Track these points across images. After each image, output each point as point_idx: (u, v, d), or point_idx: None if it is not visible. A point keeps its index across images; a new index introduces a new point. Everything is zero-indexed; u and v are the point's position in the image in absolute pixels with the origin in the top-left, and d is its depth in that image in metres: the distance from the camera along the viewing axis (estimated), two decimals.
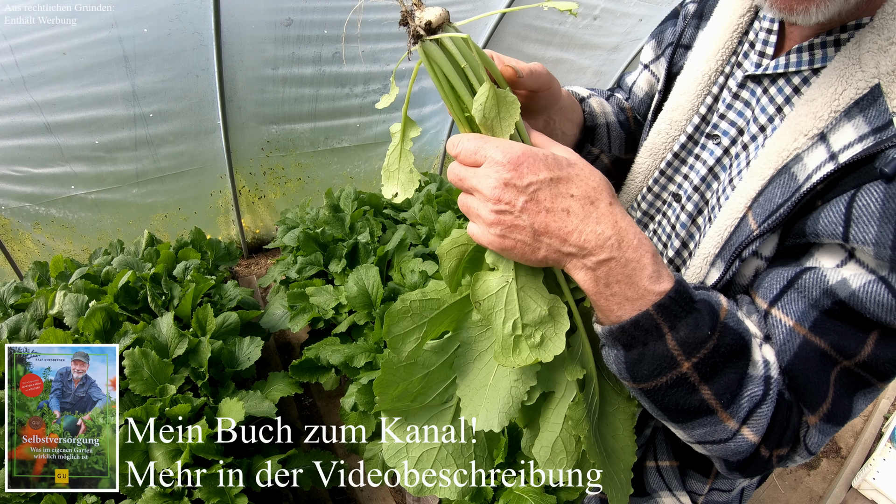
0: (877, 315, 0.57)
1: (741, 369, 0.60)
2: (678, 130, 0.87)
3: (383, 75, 3.80)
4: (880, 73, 0.61)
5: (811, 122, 0.66)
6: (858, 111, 0.62)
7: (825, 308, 0.60)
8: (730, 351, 0.59)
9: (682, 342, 0.58)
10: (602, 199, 0.57)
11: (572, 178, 0.57)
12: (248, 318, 2.71)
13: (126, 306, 2.59)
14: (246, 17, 3.04)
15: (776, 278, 0.65)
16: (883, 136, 0.59)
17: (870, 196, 0.56)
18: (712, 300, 0.62)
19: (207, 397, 2.18)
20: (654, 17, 4.26)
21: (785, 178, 0.66)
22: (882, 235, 0.55)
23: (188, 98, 3.30)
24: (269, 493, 2.15)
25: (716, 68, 0.83)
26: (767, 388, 0.61)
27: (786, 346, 0.63)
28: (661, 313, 0.57)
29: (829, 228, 0.60)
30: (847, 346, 0.59)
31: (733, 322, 0.61)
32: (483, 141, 0.57)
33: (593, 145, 0.96)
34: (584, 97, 0.97)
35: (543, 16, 4.00)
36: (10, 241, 3.45)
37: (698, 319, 0.58)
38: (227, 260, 3.54)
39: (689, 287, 0.60)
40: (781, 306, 0.64)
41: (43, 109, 2.95)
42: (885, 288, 0.56)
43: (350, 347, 2.42)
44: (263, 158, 3.91)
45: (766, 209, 0.66)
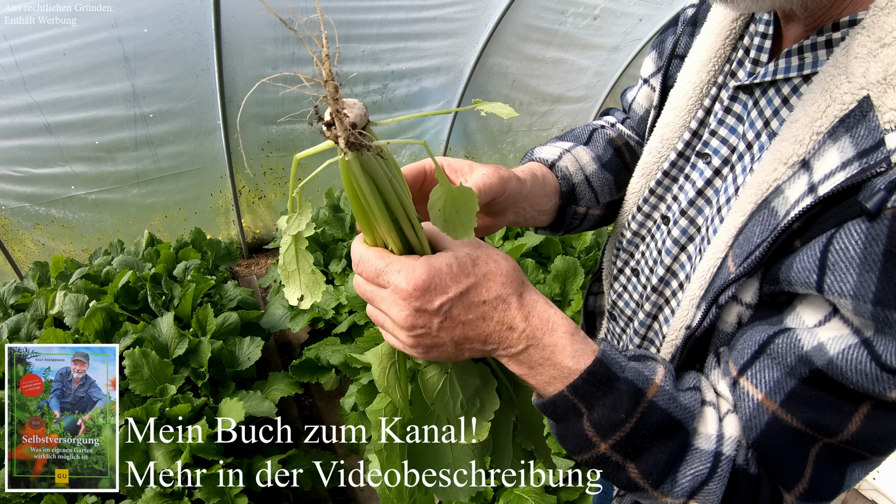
0: (862, 386, 0.48)
1: (674, 448, 0.57)
2: (669, 148, 0.80)
3: (383, 75, 3.80)
4: (869, 83, 0.51)
5: (791, 147, 0.57)
6: (845, 131, 0.52)
7: (803, 377, 0.52)
8: (655, 431, 0.56)
9: (595, 424, 0.57)
10: (513, 295, 0.57)
11: (481, 283, 0.56)
12: (248, 318, 2.72)
13: (126, 306, 2.59)
14: (246, 18, 3.04)
15: (749, 340, 0.58)
16: (869, 160, 0.48)
17: (849, 237, 0.47)
18: (641, 377, 0.57)
19: (207, 397, 2.18)
20: (654, 17, 4.26)
21: (765, 214, 0.57)
22: (862, 286, 0.46)
23: (188, 98, 3.30)
24: (269, 493, 2.15)
25: (707, 79, 0.76)
26: (716, 465, 0.56)
27: (752, 422, 0.56)
28: (575, 394, 0.57)
29: (802, 276, 0.51)
30: (827, 423, 0.51)
31: (663, 400, 0.57)
32: (385, 262, 0.55)
33: (577, 205, 0.89)
34: (553, 161, 0.89)
35: (543, 16, 4.00)
36: (11, 241, 3.45)
37: (616, 400, 0.56)
38: (227, 260, 3.54)
39: (615, 362, 0.57)
40: (751, 376, 0.57)
41: (43, 110, 2.95)
42: (867, 353, 0.47)
43: (350, 347, 2.42)
44: (264, 158, 3.91)
45: (745, 249, 0.58)
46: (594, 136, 0.97)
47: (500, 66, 4.25)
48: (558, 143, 0.94)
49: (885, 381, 0.47)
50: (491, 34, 3.86)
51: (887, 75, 0.49)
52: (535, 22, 3.99)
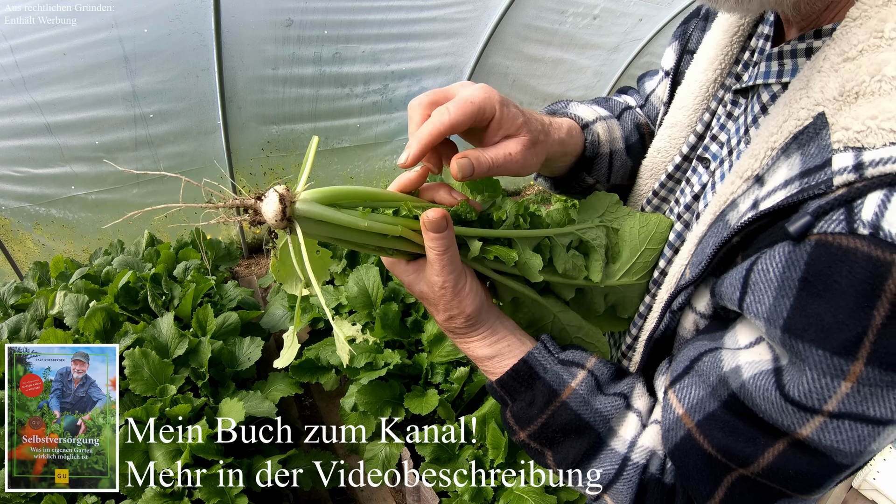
0: (770, 416, 0.47)
1: (583, 446, 0.62)
2: (675, 149, 0.78)
3: (383, 76, 3.80)
4: (825, 99, 0.48)
5: (748, 161, 0.56)
6: (797, 147, 0.50)
7: (723, 400, 0.51)
8: (564, 429, 0.63)
9: (515, 415, 0.67)
10: (453, 332, 0.69)
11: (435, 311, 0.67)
12: (248, 319, 2.72)
13: (126, 306, 2.59)
14: (246, 18, 3.04)
15: (686, 354, 0.59)
16: (811, 180, 0.46)
17: (771, 259, 0.46)
18: (558, 380, 0.64)
19: (207, 397, 2.18)
20: (654, 17, 4.26)
21: (719, 226, 0.57)
22: (775, 311, 0.45)
23: (188, 98, 3.30)
24: (269, 493, 2.15)
25: (714, 78, 0.73)
26: (623, 468, 0.60)
27: (669, 433, 0.57)
28: (502, 387, 0.68)
29: (728, 292, 0.51)
30: (739, 451, 0.49)
31: (576, 403, 0.63)
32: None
33: (589, 174, 0.86)
34: (588, 122, 0.83)
35: (543, 16, 4.00)
36: (11, 242, 3.45)
37: (534, 397, 0.65)
38: (227, 260, 3.54)
39: (539, 364, 0.66)
40: (678, 390, 0.57)
41: (43, 110, 2.95)
42: (774, 381, 0.46)
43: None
44: (264, 159, 3.91)
45: (699, 258, 0.58)
46: (624, 115, 0.92)
47: (500, 66, 4.25)
48: (595, 108, 0.88)
49: (792, 415, 0.45)
50: (491, 34, 3.86)
51: (844, 91, 0.46)
52: (535, 22, 3.99)
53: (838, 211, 0.41)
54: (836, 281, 0.41)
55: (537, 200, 5.80)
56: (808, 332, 0.42)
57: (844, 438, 0.44)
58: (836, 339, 0.41)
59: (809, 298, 0.42)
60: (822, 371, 0.42)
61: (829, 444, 0.45)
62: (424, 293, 0.65)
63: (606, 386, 0.66)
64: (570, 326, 0.74)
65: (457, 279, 0.62)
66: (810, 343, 0.42)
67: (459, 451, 2.04)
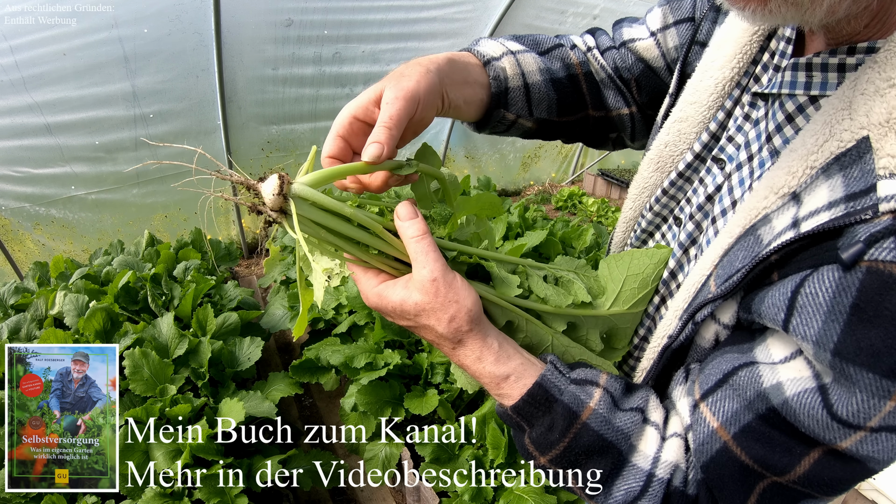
0: (812, 431, 0.48)
1: (608, 465, 0.61)
2: (686, 145, 0.77)
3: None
4: (870, 123, 0.48)
5: (784, 177, 0.55)
6: (839, 169, 0.50)
7: (759, 413, 0.53)
8: (587, 450, 0.62)
9: (534, 441, 0.64)
10: (461, 342, 0.64)
11: (420, 327, 0.65)
12: (248, 319, 2.72)
13: (126, 306, 2.59)
14: (246, 18, 3.04)
15: (717, 367, 0.59)
16: (856, 204, 0.46)
17: (820, 283, 0.47)
18: (576, 401, 0.62)
19: (207, 397, 2.18)
20: None
21: (750, 241, 0.57)
22: (825, 334, 0.46)
23: (188, 98, 3.30)
24: (269, 493, 2.15)
25: (730, 77, 0.71)
26: (648, 484, 0.60)
27: (703, 447, 0.57)
28: (518, 413, 0.64)
29: (771, 312, 0.51)
30: (776, 461, 0.51)
31: (596, 423, 0.61)
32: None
33: (507, 110, 0.85)
34: (490, 59, 0.83)
35: (543, 16, 4.00)
36: (11, 242, 3.46)
37: (553, 421, 0.62)
38: (227, 260, 3.54)
39: (554, 386, 0.63)
40: (711, 403, 0.57)
41: (43, 110, 2.95)
42: (821, 400, 0.47)
43: (350, 348, 2.42)
44: (264, 159, 3.91)
45: (727, 271, 0.58)
46: (553, 52, 0.90)
47: None
48: (507, 43, 0.88)
49: (836, 431, 0.47)
50: (491, 34, 3.86)
51: (891, 118, 0.46)
52: (535, 22, 4.00)
53: (888, 239, 0.43)
54: (887, 308, 0.43)
55: (537, 200, 5.81)
56: (859, 357, 0.44)
57: (881, 448, 0.47)
58: (886, 363, 0.43)
59: (860, 324, 0.44)
60: (871, 393, 0.45)
61: (866, 453, 0.47)
62: (419, 304, 0.62)
63: (622, 401, 0.65)
64: (573, 347, 0.73)
65: (444, 268, 0.61)
66: (861, 367, 0.44)
67: (459, 452, 2.04)
